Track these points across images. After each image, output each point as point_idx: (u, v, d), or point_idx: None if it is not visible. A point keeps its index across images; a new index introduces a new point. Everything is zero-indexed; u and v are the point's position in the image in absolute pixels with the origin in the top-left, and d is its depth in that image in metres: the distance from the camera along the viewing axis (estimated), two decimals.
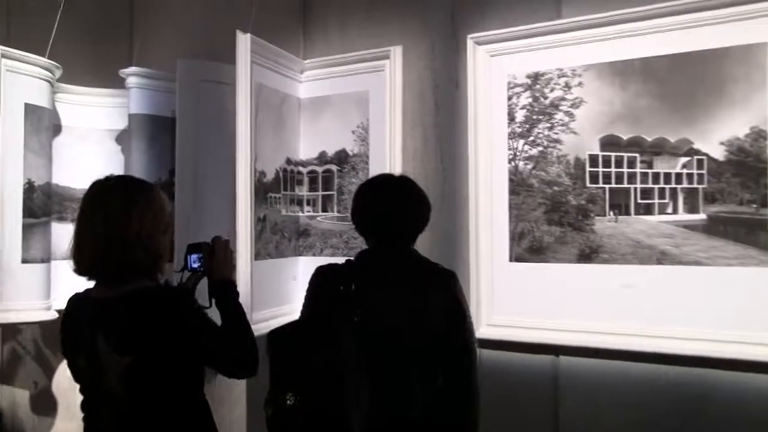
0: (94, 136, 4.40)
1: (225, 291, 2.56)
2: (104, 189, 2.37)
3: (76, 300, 2.44)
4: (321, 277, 2.68)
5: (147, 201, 2.36)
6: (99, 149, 4.40)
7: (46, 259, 4.03)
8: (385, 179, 2.80)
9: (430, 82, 3.65)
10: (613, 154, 3.14)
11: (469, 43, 3.42)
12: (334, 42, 3.96)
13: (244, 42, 3.40)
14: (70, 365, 2.44)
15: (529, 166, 3.31)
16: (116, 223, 2.28)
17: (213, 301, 2.55)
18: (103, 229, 2.28)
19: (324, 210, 3.88)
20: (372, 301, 2.53)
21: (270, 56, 3.64)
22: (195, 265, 2.59)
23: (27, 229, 3.86)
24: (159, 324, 2.22)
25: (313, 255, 3.89)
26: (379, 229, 2.66)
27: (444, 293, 2.58)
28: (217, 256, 2.58)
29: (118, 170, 4.19)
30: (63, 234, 4.23)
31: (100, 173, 4.31)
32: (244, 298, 3.35)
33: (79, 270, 2.33)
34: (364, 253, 2.70)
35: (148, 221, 2.32)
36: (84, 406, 2.43)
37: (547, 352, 3.28)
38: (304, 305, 2.70)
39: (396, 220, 2.63)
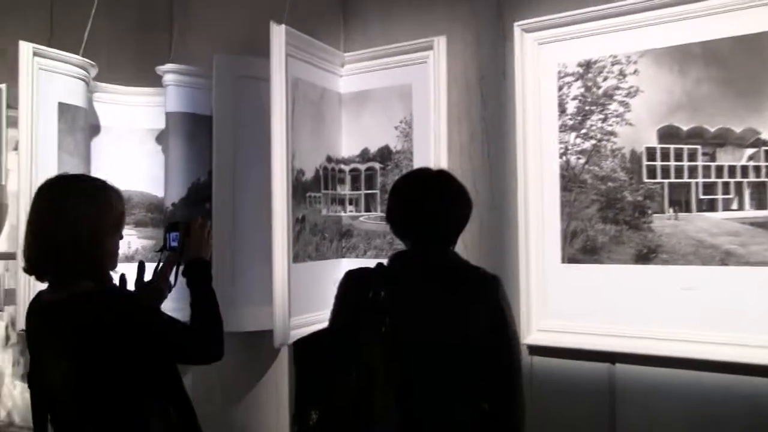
0: (134, 136, 4.29)
1: (195, 270, 2.50)
2: (42, 188, 2.28)
3: (33, 301, 2.38)
4: (349, 282, 2.46)
5: (86, 201, 2.22)
6: (140, 149, 4.29)
7: None
8: (422, 174, 2.52)
9: (475, 73, 3.45)
10: (672, 146, 2.91)
11: (516, 30, 3.21)
12: (376, 33, 3.78)
13: (278, 34, 3.25)
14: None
15: (582, 161, 3.09)
16: (49, 224, 2.19)
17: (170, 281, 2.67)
18: (38, 230, 2.21)
19: (367, 210, 3.71)
20: (404, 309, 2.28)
21: (307, 49, 3.48)
22: (173, 244, 2.60)
23: None
24: (98, 329, 2.12)
25: (356, 257, 3.72)
26: (415, 229, 2.41)
27: (486, 302, 2.32)
28: (192, 235, 2.56)
29: (159, 170, 4.08)
30: None
31: (141, 174, 4.28)
32: (281, 302, 3.24)
33: (25, 268, 2.27)
34: (398, 256, 2.45)
35: (85, 222, 2.19)
36: (34, 411, 2.38)
37: (603, 360, 3.06)
38: (332, 312, 2.49)
39: (433, 219, 2.38)
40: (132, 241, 4.24)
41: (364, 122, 3.72)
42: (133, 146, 4.28)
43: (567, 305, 3.12)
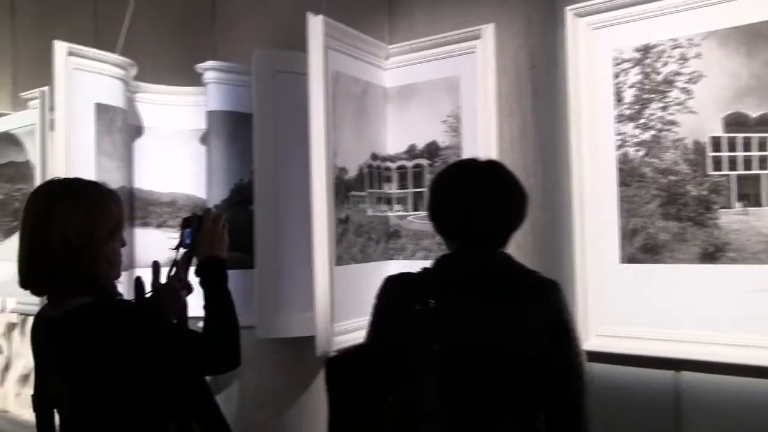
0: (178, 137, 4.21)
1: (208, 269, 2.36)
2: (31, 195, 2.18)
3: (36, 316, 2.26)
4: (391, 291, 2.20)
5: (77, 205, 2.10)
6: (184, 150, 4.20)
7: (128, 266, 3.85)
8: (468, 165, 2.27)
9: (526, 62, 3.25)
10: (740, 135, 2.67)
11: (569, 15, 3.00)
12: (421, 23, 3.59)
13: (315, 25, 3.09)
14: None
15: (641, 153, 2.87)
16: (39, 232, 2.07)
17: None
18: (29, 239, 2.10)
19: (415, 209, 3.54)
20: (456, 324, 2.03)
21: (349, 41, 3.32)
22: (188, 241, 2.47)
23: None
24: (96, 347, 1.99)
25: (404, 258, 3.54)
26: (462, 228, 2.15)
27: (546, 310, 2.06)
28: (204, 230, 2.43)
29: (204, 172, 3.97)
30: (148, 240, 4.07)
31: (186, 176, 4.18)
32: (323, 307, 3.09)
33: (20, 283, 2.13)
34: (444, 260, 2.20)
35: (78, 228, 2.07)
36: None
37: (667, 367, 2.83)
38: (370, 325, 2.23)
39: (483, 217, 2.12)
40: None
41: (410, 117, 3.55)
42: (177, 147, 4.20)
43: (627, 308, 2.89)
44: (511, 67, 3.28)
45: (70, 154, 3.46)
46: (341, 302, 3.16)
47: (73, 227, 2.06)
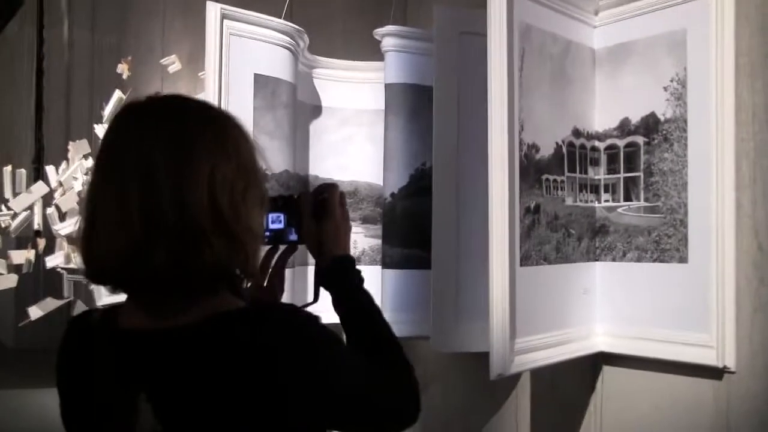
0: (360, 118, 3.74)
1: (349, 277, 1.66)
2: (140, 119, 1.35)
3: (87, 326, 1.44)
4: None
5: (228, 144, 1.36)
6: (367, 134, 3.72)
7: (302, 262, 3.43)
8: None
9: None
10: None
11: None
12: None
13: None
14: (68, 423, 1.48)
15: None
16: (171, 187, 1.27)
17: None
18: (142, 199, 1.27)
19: (627, 198, 2.82)
20: None
21: None
22: (292, 235, 1.74)
23: None
24: (261, 383, 1.26)
25: (613, 260, 2.84)
26: None
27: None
28: (330, 213, 1.73)
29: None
30: None
31: (367, 162, 3.69)
32: (500, 318, 2.47)
33: (94, 273, 1.35)
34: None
35: (232, 182, 1.33)
36: None
37: None
38: None
39: None
40: (358, 239, 3.68)
41: (623, 84, 2.83)
42: (359, 130, 3.73)
43: None
44: (755, 16, 2.49)
45: None
46: (526, 312, 2.53)
47: (226, 186, 1.32)
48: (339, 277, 1.71)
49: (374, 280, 2.98)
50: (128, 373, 1.32)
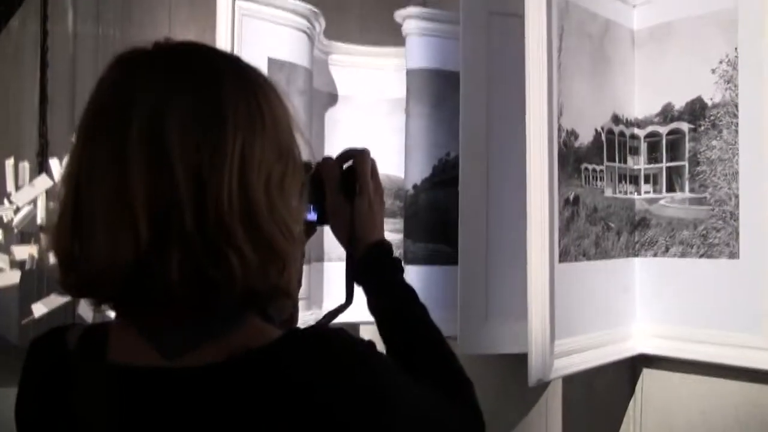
0: (380, 107, 3.55)
1: (380, 270, 1.29)
2: (148, 74, 0.96)
3: (61, 356, 1.02)
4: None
5: (266, 117, 0.96)
6: (387, 123, 3.54)
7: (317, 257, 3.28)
8: None
9: None
10: None
11: None
12: None
13: None
14: None
15: None
16: (191, 174, 0.89)
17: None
18: (149, 190, 0.89)
19: (670, 189, 2.64)
20: None
21: None
22: (311, 217, 1.29)
23: None
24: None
25: (654, 255, 2.66)
26: None
27: None
28: (362, 186, 1.31)
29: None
30: None
31: (388, 153, 3.49)
32: (539, 318, 2.29)
33: (79, 285, 0.96)
34: None
35: (269, 168, 0.95)
36: None
37: None
38: None
39: None
40: None
41: (666, 67, 2.65)
42: (378, 120, 3.54)
43: None
44: None
45: None
46: (564, 312, 2.34)
47: (258, 169, 0.95)
48: (377, 270, 1.33)
49: None
50: (128, 429, 0.95)
